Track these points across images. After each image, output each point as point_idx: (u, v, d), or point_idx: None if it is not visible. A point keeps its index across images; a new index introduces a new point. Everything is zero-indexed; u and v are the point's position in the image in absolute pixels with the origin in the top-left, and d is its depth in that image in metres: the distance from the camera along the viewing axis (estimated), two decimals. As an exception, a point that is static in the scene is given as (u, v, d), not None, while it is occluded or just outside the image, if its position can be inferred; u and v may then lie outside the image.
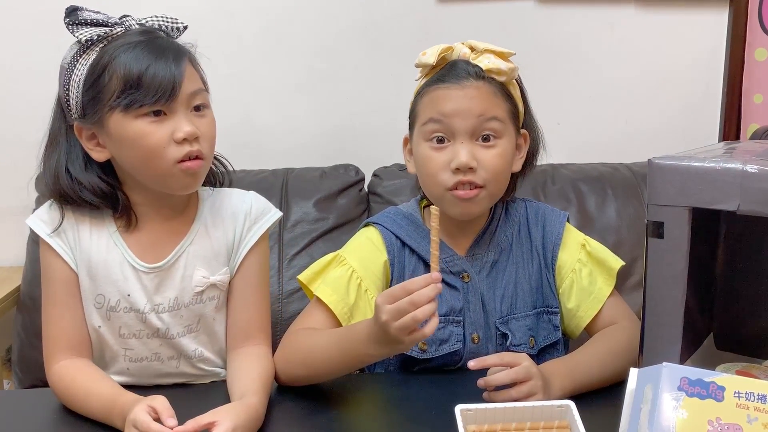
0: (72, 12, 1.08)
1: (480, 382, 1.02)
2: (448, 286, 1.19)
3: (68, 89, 1.09)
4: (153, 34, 1.10)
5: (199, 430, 0.94)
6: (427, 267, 1.20)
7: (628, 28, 2.07)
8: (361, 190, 1.93)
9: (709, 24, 2.09)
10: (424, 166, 1.16)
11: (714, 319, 1.12)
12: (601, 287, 1.21)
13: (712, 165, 0.84)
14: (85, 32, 1.07)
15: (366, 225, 1.28)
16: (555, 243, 1.23)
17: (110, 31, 1.08)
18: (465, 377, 1.16)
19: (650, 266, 0.90)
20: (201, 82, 1.13)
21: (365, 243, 1.24)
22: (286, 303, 1.75)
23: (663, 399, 0.79)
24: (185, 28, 1.15)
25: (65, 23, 1.08)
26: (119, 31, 1.09)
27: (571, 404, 0.91)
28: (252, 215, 1.20)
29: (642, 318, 0.92)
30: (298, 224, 1.83)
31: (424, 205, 1.28)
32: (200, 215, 1.19)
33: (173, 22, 1.14)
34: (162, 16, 1.13)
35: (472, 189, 1.14)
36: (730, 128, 2.11)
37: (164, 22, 1.13)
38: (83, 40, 1.07)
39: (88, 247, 1.14)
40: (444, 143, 1.14)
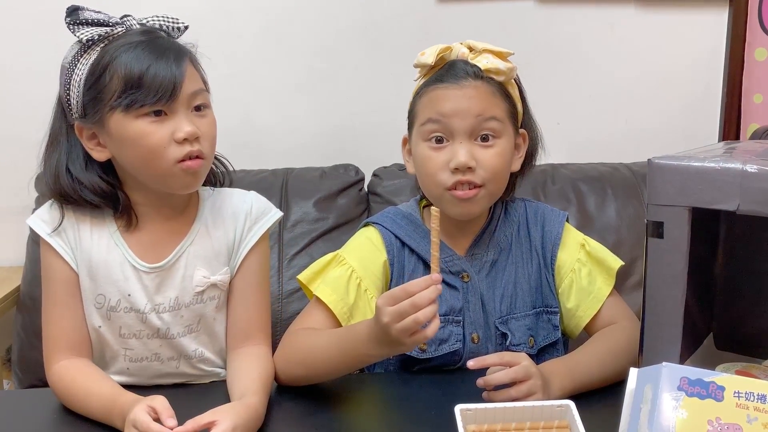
0: (73, 11, 1.08)
1: (479, 381, 1.03)
2: (448, 285, 1.19)
3: (69, 89, 1.09)
4: (154, 34, 1.10)
5: (199, 430, 0.94)
6: (427, 267, 1.20)
7: (628, 28, 2.07)
8: (360, 190, 1.92)
9: (709, 24, 2.09)
10: (423, 166, 1.16)
11: (714, 319, 1.12)
12: (600, 287, 1.21)
13: (712, 165, 0.84)
14: (86, 32, 1.07)
15: (365, 225, 1.28)
16: (554, 243, 1.23)
17: (111, 31, 1.08)
18: (465, 377, 1.16)
19: (650, 266, 0.90)
20: (202, 82, 1.13)
21: (365, 243, 1.24)
22: (286, 303, 1.75)
23: (663, 399, 0.79)
24: (186, 28, 1.15)
25: (66, 23, 1.08)
26: (120, 30, 1.09)
27: (571, 404, 0.91)
28: (253, 215, 1.20)
29: (642, 318, 0.92)
30: (298, 224, 1.83)
31: (424, 205, 1.28)
32: (201, 215, 1.19)
33: (174, 22, 1.14)
34: (163, 16, 1.13)
35: (471, 189, 1.14)
36: (730, 128, 2.11)
37: (165, 22, 1.13)
38: (84, 39, 1.07)
39: (88, 247, 1.14)
40: (443, 143, 1.14)
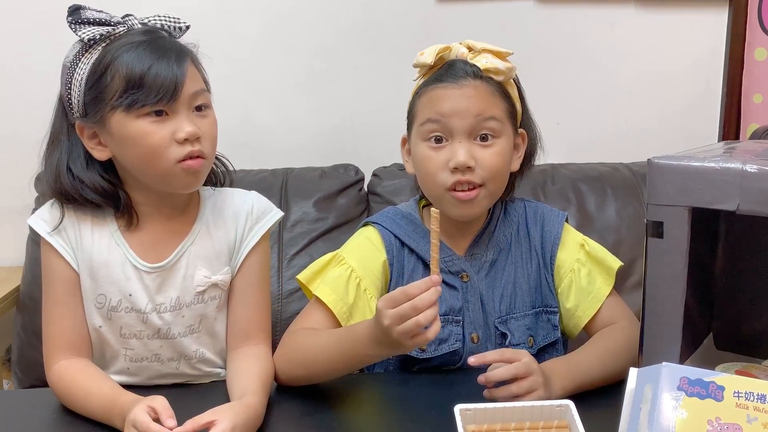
0: (75, 11, 1.08)
1: (480, 378, 1.02)
2: (447, 285, 1.19)
3: (70, 88, 1.09)
4: (155, 34, 1.10)
5: (198, 430, 0.94)
6: (427, 267, 1.20)
7: (628, 28, 2.07)
8: (360, 189, 1.92)
9: (708, 24, 2.09)
10: (423, 166, 1.16)
11: (714, 319, 1.12)
12: (600, 287, 1.21)
13: (712, 165, 0.84)
14: (88, 31, 1.07)
15: (365, 225, 1.28)
16: (554, 243, 1.23)
17: (113, 31, 1.08)
18: (464, 377, 1.16)
19: (650, 266, 0.90)
20: (203, 82, 1.13)
21: (364, 243, 1.24)
22: (286, 303, 1.75)
23: (663, 399, 0.79)
24: (188, 27, 1.14)
25: (68, 22, 1.07)
26: (122, 30, 1.09)
27: (571, 404, 0.91)
28: (254, 215, 1.20)
29: (642, 318, 0.92)
30: (297, 224, 1.83)
31: (423, 205, 1.28)
32: (202, 215, 1.19)
33: (176, 21, 1.13)
34: (165, 16, 1.13)
35: (471, 190, 1.14)
36: (730, 128, 2.11)
37: (167, 21, 1.13)
38: (86, 39, 1.07)
39: (89, 246, 1.14)
40: (442, 143, 1.14)
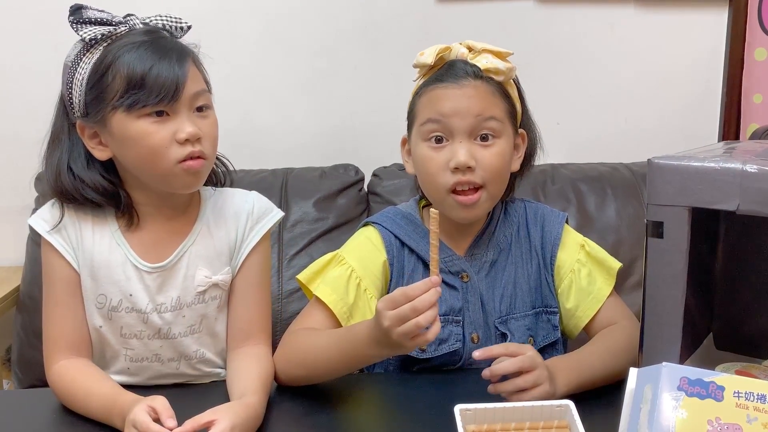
0: (76, 10, 1.08)
1: (485, 372, 1.01)
2: (447, 285, 1.19)
3: (71, 87, 1.09)
4: (157, 34, 1.10)
5: (198, 429, 0.94)
6: (427, 267, 1.19)
7: (628, 28, 2.07)
8: (360, 189, 1.92)
9: (708, 24, 2.09)
10: (424, 167, 1.16)
11: (714, 319, 1.12)
12: (600, 287, 1.21)
13: (712, 165, 0.84)
14: (89, 31, 1.07)
15: (365, 225, 1.28)
16: (554, 243, 1.23)
17: (114, 30, 1.08)
18: (465, 377, 1.16)
19: (650, 266, 0.90)
20: (204, 82, 1.12)
21: (364, 243, 1.24)
22: (286, 303, 1.75)
23: (663, 399, 0.79)
24: (189, 27, 1.14)
25: (69, 21, 1.07)
26: (123, 30, 1.08)
27: (571, 404, 0.91)
28: (254, 215, 1.20)
29: (642, 318, 0.92)
30: (297, 224, 1.83)
31: (423, 205, 1.28)
32: (202, 215, 1.19)
33: (177, 21, 1.13)
34: (166, 16, 1.13)
35: (473, 193, 1.14)
36: (730, 128, 2.11)
37: (168, 21, 1.12)
38: (87, 39, 1.07)
39: (90, 247, 1.14)
40: (442, 143, 1.14)
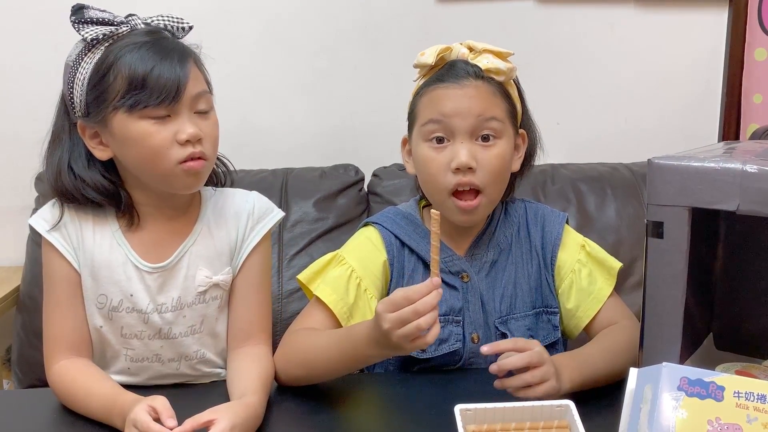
0: (78, 10, 1.08)
1: (492, 367, 1.01)
2: (448, 285, 1.19)
3: (72, 87, 1.09)
4: (158, 35, 1.10)
5: (198, 428, 0.94)
6: (427, 267, 1.20)
7: (628, 28, 2.07)
8: (360, 190, 1.92)
9: (708, 24, 2.09)
10: (425, 167, 1.16)
11: (714, 319, 1.12)
12: (601, 287, 1.21)
13: (712, 165, 0.84)
14: (91, 31, 1.07)
15: (365, 225, 1.28)
16: (554, 243, 1.23)
17: (116, 30, 1.08)
18: (465, 377, 1.16)
19: (650, 266, 0.90)
20: (205, 83, 1.12)
21: (364, 243, 1.24)
22: (286, 303, 1.75)
23: (663, 399, 0.79)
24: (191, 28, 1.14)
25: (71, 21, 1.07)
26: (125, 30, 1.08)
27: (571, 404, 0.91)
28: (255, 215, 1.20)
29: (642, 318, 0.92)
30: (297, 224, 1.83)
31: (424, 205, 1.28)
32: (203, 215, 1.19)
33: (179, 21, 1.13)
34: (168, 16, 1.12)
35: (472, 198, 1.14)
36: (730, 128, 2.11)
37: (170, 21, 1.12)
38: (89, 38, 1.07)
39: (91, 247, 1.13)
40: (443, 143, 1.14)
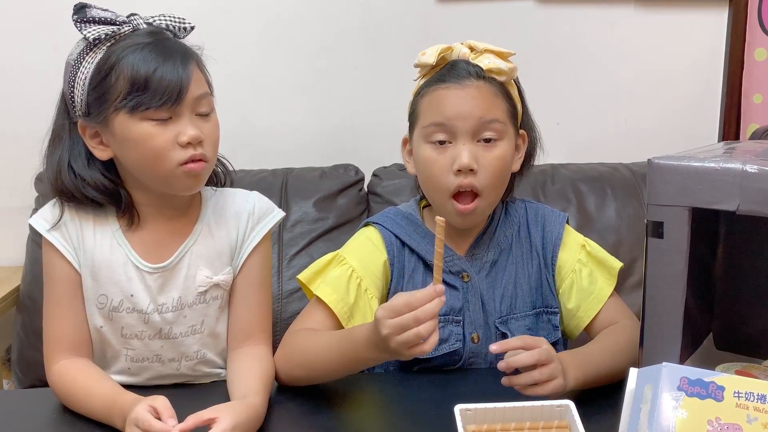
0: (80, 9, 1.07)
1: (501, 364, 1.01)
2: (448, 285, 1.19)
3: (73, 86, 1.09)
4: (161, 35, 1.10)
5: (200, 426, 0.94)
6: (427, 267, 1.20)
7: (628, 28, 2.08)
8: (360, 190, 1.92)
9: (708, 24, 2.09)
10: (426, 168, 1.16)
11: (714, 319, 1.12)
12: (602, 287, 1.21)
13: (712, 165, 0.85)
14: (93, 30, 1.06)
15: (365, 225, 1.28)
16: (555, 243, 1.23)
17: (118, 30, 1.07)
18: (465, 377, 1.16)
19: (650, 266, 0.90)
20: (207, 85, 1.12)
21: (365, 243, 1.24)
22: (286, 303, 1.75)
23: (663, 399, 0.79)
24: (192, 28, 1.14)
25: (73, 20, 1.07)
26: (127, 30, 1.08)
27: (571, 404, 0.91)
28: (255, 215, 1.20)
29: (642, 318, 0.92)
30: (297, 224, 1.83)
31: (424, 206, 1.28)
32: (203, 215, 1.19)
33: (181, 22, 1.13)
34: (170, 16, 1.12)
35: (470, 201, 1.14)
36: (730, 128, 2.11)
37: (172, 21, 1.12)
38: (91, 38, 1.06)
39: (91, 247, 1.13)
40: (445, 144, 1.14)
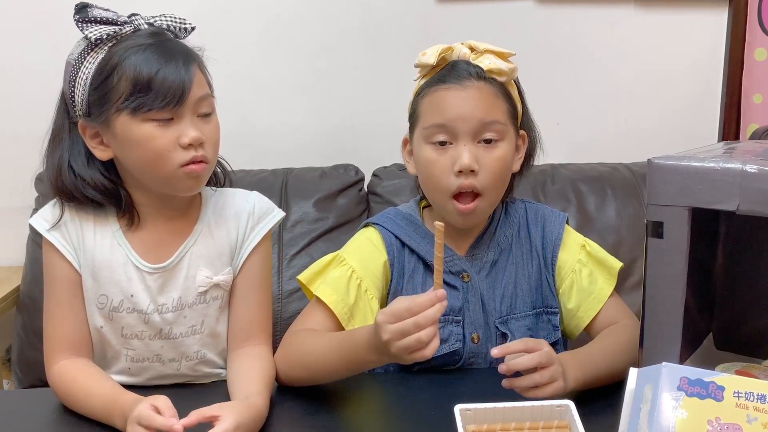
0: (82, 9, 1.07)
1: (501, 367, 1.01)
2: (448, 285, 1.19)
3: (74, 86, 1.09)
4: (162, 36, 1.09)
5: (203, 422, 0.94)
6: (427, 267, 1.20)
7: (628, 28, 2.08)
8: (360, 190, 1.93)
9: (708, 24, 2.09)
10: (427, 169, 1.16)
11: (714, 319, 1.12)
12: (602, 287, 1.21)
13: (712, 165, 0.85)
14: (95, 30, 1.06)
15: (365, 225, 1.28)
16: (555, 243, 1.23)
17: (119, 30, 1.07)
18: (465, 377, 1.16)
19: (650, 266, 0.90)
20: (208, 87, 1.12)
21: (365, 243, 1.24)
22: (286, 303, 1.75)
23: (663, 399, 0.79)
24: (193, 28, 1.14)
25: (75, 20, 1.07)
26: (128, 30, 1.08)
27: (571, 404, 0.91)
28: (255, 215, 1.20)
29: (642, 318, 0.92)
30: (297, 224, 1.83)
31: (424, 206, 1.28)
32: (203, 215, 1.19)
33: (181, 22, 1.13)
34: (171, 16, 1.12)
35: (470, 200, 1.14)
36: (730, 128, 2.11)
37: (172, 22, 1.12)
38: (93, 38, 1.06)
39: (92, 247, 1.13)
40: (446, 145, 1.14)
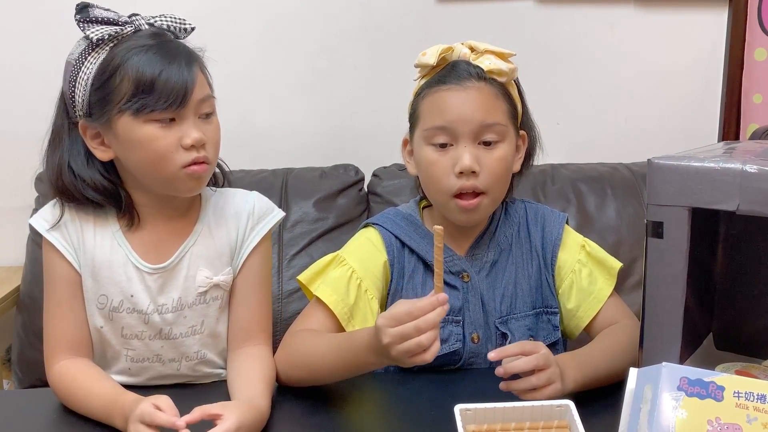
0: (83, 9, 1.07)
1: (498, 370, 1.01)
2: (448, 285, 1.19)
3: (74, 87, 1.09)
4: (164, 37, 1.10)
5: (206, 419, 0.94)
6: (427, 267, 1.20)
7: (628, 28, 2.08)
8: (360, 190, 1.93)
9: (708, 24, 2.09)
10: (428, 170, 1.16)
11: (714, 319, 1.12)
12: (601, 287, 1.21)
13: (712, 165, 0.85)
14: (96, 30, 1.06)
15: (365, 226, 1.28)
16: (555, 243, 1.23)
17: (121, 31, 1.07)
18: (465, 377, 1.16)
19: (650, 266, 0.90)
20: (209, 88, 1.12)
21: (365, 243, 1.24)
22: (286, 303, 1.75)
23: (662, 399, 0.79)
24: (193, 29, 1.14)
25: (76, 20, 1.07)
26: (129, 30, 1.08)
27: (571, 404, 0.91)
28: (255, 215, 1.20)
29: (642, 318, 0.92)
30: (297, 224, 1.83)
31: (424, 206, 1.28)
32: (203, 215, 1.19)
33: (182, 23, 1.13)
34: (171, 17, 1.12)
35: (474, 198, 1.14)
36: (730, 128, 2.11)
37: (173, 22, 1.12)
38: (94, 39, 1.06)
39: (92, 247, 1.13)
40: (446, 146, 1.14)
